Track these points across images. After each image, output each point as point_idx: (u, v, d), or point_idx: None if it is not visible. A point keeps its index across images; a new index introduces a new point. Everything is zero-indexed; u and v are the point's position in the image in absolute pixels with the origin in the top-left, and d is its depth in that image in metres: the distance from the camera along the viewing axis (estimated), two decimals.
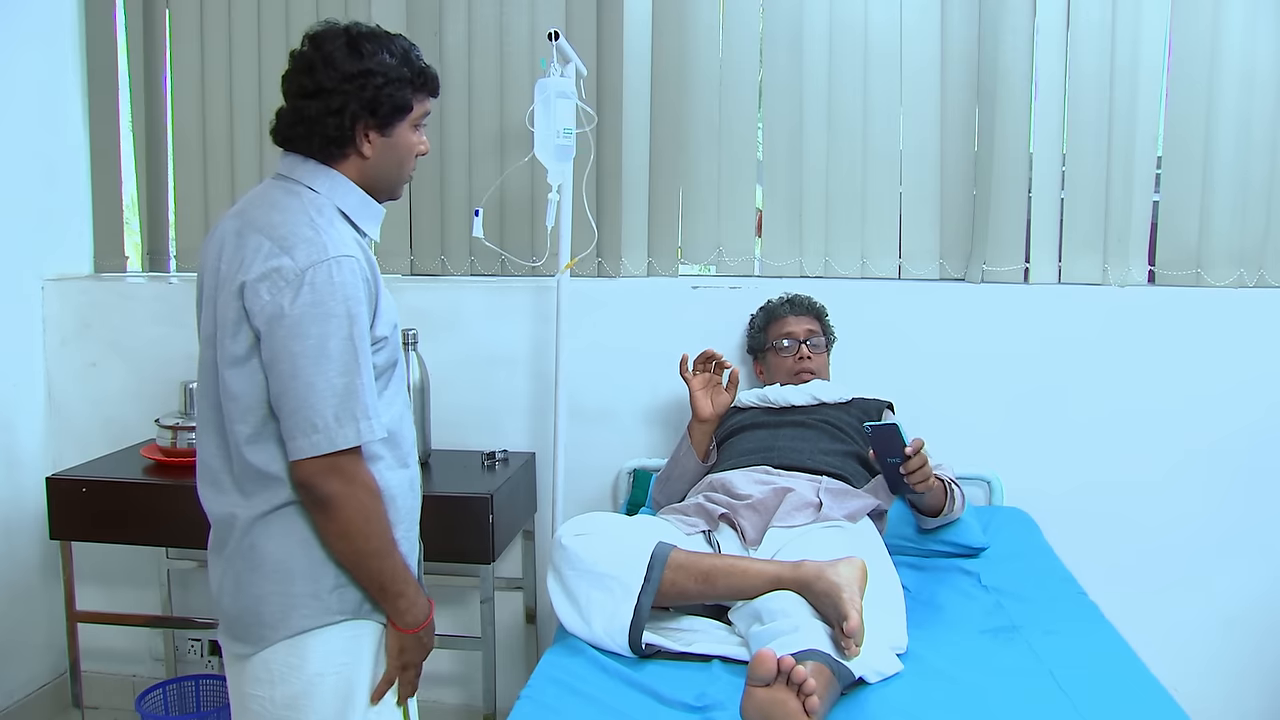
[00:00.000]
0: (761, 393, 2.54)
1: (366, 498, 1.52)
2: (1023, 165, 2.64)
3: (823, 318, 2.63)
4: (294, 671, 1.56)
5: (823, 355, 2.60)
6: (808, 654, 1.62)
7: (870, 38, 2.68)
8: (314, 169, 1.58)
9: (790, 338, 2.57)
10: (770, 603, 1.79)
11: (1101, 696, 1.67)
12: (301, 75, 1.56)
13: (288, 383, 1.47)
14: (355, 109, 1.55)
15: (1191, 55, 2.58)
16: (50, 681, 3.00)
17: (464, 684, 2.90)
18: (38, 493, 2.64)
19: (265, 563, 1.56)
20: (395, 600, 1.59)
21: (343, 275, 1.49)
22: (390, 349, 1.61)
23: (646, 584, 1.83)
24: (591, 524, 1.97)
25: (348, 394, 1.48)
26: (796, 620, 1.72)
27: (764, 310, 2.65)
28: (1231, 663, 2.67)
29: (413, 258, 2.93)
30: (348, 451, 1.49)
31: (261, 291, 1.47)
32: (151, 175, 3.03)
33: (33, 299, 2.95)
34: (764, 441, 2.38)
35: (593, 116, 2.67)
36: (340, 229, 1.55)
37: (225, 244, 1.55)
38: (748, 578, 1.85)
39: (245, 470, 1.55)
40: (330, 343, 1.47)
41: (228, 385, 1.53)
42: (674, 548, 1.88)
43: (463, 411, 2.80)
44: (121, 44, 3.02)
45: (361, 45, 1.55)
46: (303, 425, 1.47)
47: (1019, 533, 2.47)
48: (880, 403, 2.55)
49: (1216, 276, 2.62)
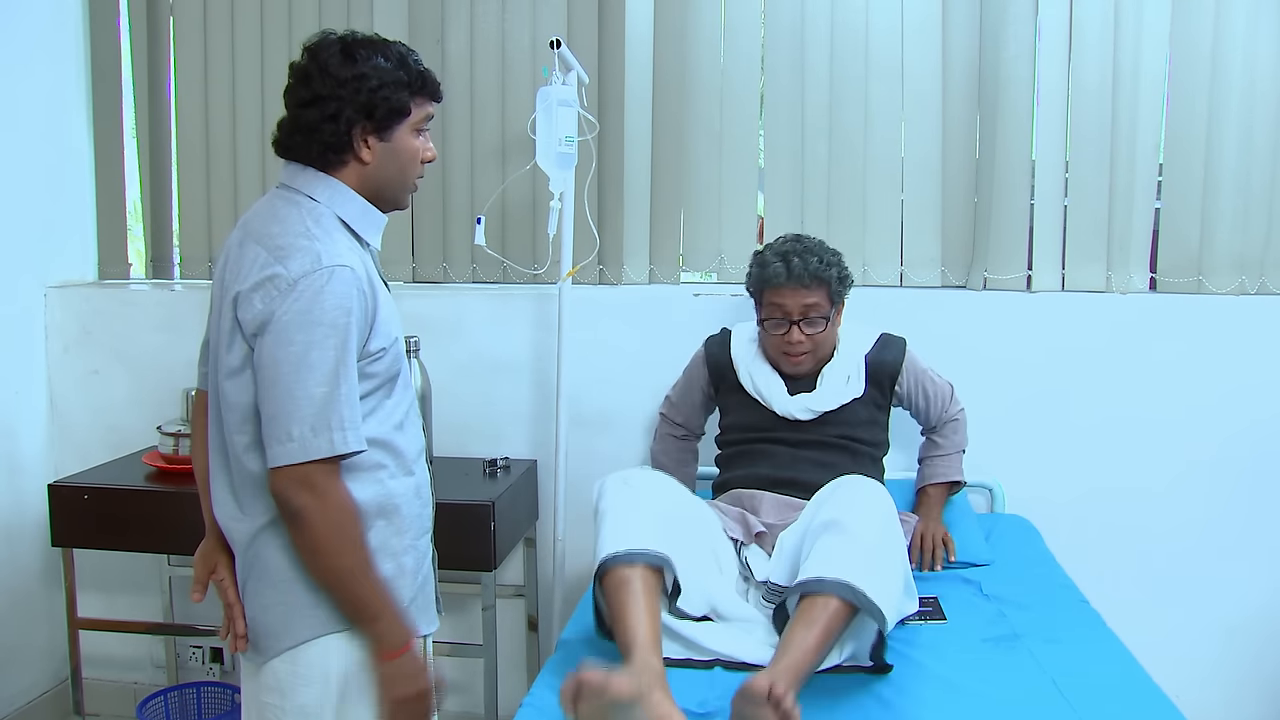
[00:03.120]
0: (757, 388, 2.34)
1: (338, 514, 1.48)
2: (1024, 173, 2.64)
3: (829, 282, 2.26)
4: (301, 681, 1.55)
5: (823, 331, 2.28)
6: (815, 584, 1.70)
7: (871, 45, 2.69)
8: (313, 177, 1.57)
9: (781, 315, 2.28)
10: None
11: (1104, 704, 1.67)
12: (298, 85, 1.56)
13: (269, 389, 1.46)
14: (351, 113, 1.54)
15: (1193, 62, 2.58)
16: (52, 688, 3.00)
17: (465, 692, 2.89)
18: (39, 499, 2.64)
19: (269, 573, 1.55)
20: (371, 624, 1.53)
21: (335, 285, 1.47)
22: (391, 358, 1.59)
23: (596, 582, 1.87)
24: (640, 482, 1.99)
25: (326, 404, 1.46)
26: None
27: (758, 267, 2.33)
28: (1233, 670, 2.67)
29: (415, 265, 2.94)
30: (322, 463, 1.46)
31: (255, 300, 1.47)
32: (155, 182, 3.04)
33: (35, 306, 2.95)
34: (787, 466, 2.27)
35: (594, 124, 2.68)
36: (338, 238, 1.53)
37: (229, 256, 1.55)
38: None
39: (245, 480, 1.55)
40: (314, 352, 1.45)
41: (226, 395, 1.53)
42: (625, 564, 1.83)
43: (465, 419, 2.80)
44: (126, 52, 3.03)
45: (356, 51, 1.55)
46: (278, 433, 1.45)
47: (1021, 540, 2.46)
48: (894, 359, 2.36)
49: (1218, 283, 2.61)
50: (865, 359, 2.35)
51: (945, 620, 2.03)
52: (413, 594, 1.64)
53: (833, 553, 1.80)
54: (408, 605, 1.62)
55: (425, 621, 1.67)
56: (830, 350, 2.34)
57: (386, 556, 1.59)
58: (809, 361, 2.31)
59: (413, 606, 1.63)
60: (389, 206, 1.65)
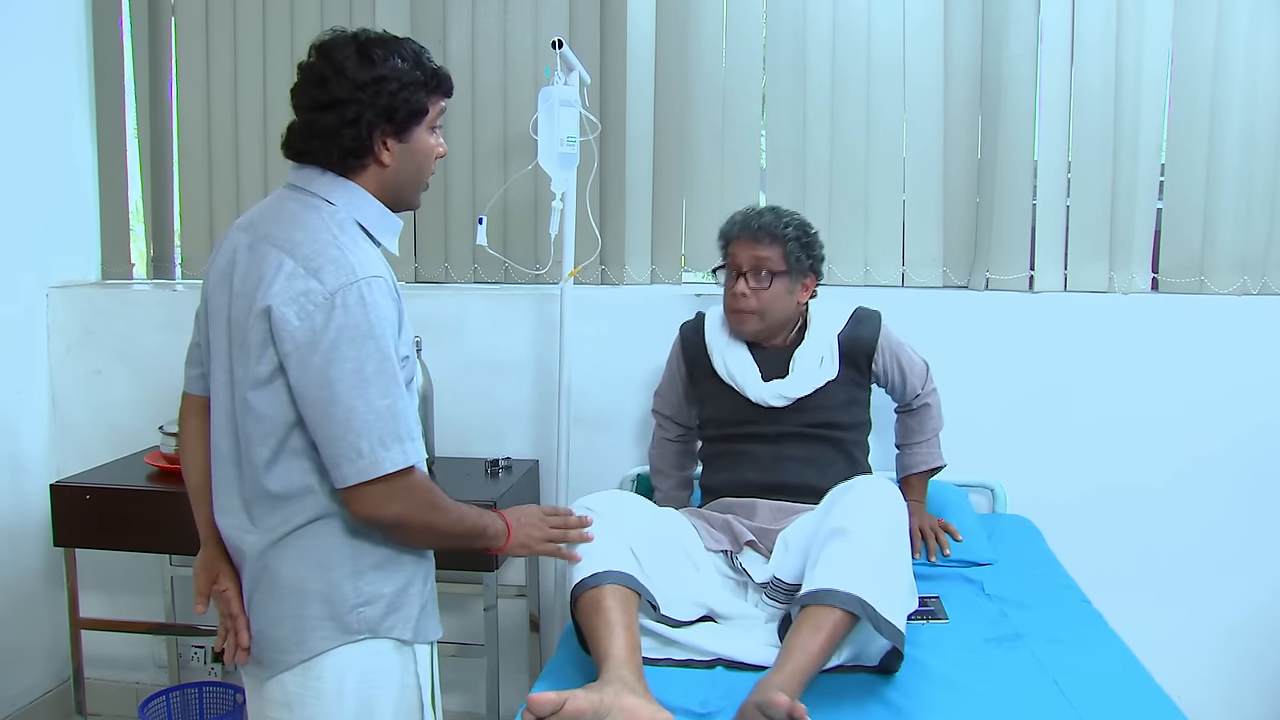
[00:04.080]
0: (731, 373, 2.28)
1: (426, 497, 1.53)
2: (1026, 173, 2.64)
3: (784, 240, 2.21)
4: (312, 694, 1.54)
5: (770, 290, 2.20)
6: (825, 595, 1.68)
7: (873, 45, 2.69)
8: (332, 181, 1.54)
9: (732, 267, 2.25)
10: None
11: (1105, 704, 1.67)
12: (312, 87, 1.52)
13: (327, 409, 1.44)
14: (371, 117, 1.51)
15: (1195, 62, 2.58)
16: (54, 688, 3.00)
17: (467, 691, 2.89)
18: (41, 499, 2.64)
19: (279, 586, 1.53)
20: (483, 539, 1.66)
21: (374, 297, 1.45)
22: (410, 366, 1.58)
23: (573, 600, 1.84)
24: (603, 507, 1.96)
25: (390, 416, 1.45)
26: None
27: (725, 224, 2.34)
28: (1235, 670, 2.67)
29: (416, 265, 2.94)
30: (397, 471, 1.47)
31: (290, 316, 1.44)
32: (157, 182, 3.04)
33: (37, 306, 2.96)
34: (770, 468, 2.23)
35: (596, 124, 2.68)
36: (365, 247, 1.51)
37: (237, 257, 1.51)
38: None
39: (259, 494, 1.52)
40: (368, 366, 1.44)
41: (252, 406, 1.49)
42: (592, 587, 1.81)
43: (466, 419, 2.80)
44: (127, 52, 3.03)
45: (372, 52, 1.52)
46: (347, 452, 1.44)
47: (1023, 540, 2.46)
48: (869, 335, 2.30)
49: (1220, 284, 2.61)
50: (838, 339, 2.28)
51: (947, 620, 2.03)
52: (423, 601, 1.63)
53: (842, 562, 1.76)
54: (419, 614, 1.61)
55: (435, 628, 1.67)
56: (782, 320, 2.27)
57: (397, 567, 1.58)
58: (755, 323, 2.23)
59: (424, 614, 1.63)
60: (404, 207, 1.63)
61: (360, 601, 1.54)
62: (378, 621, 1.55)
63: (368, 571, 1.55)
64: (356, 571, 1.54)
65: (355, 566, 1.54)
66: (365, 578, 1.54)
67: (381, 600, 1.56)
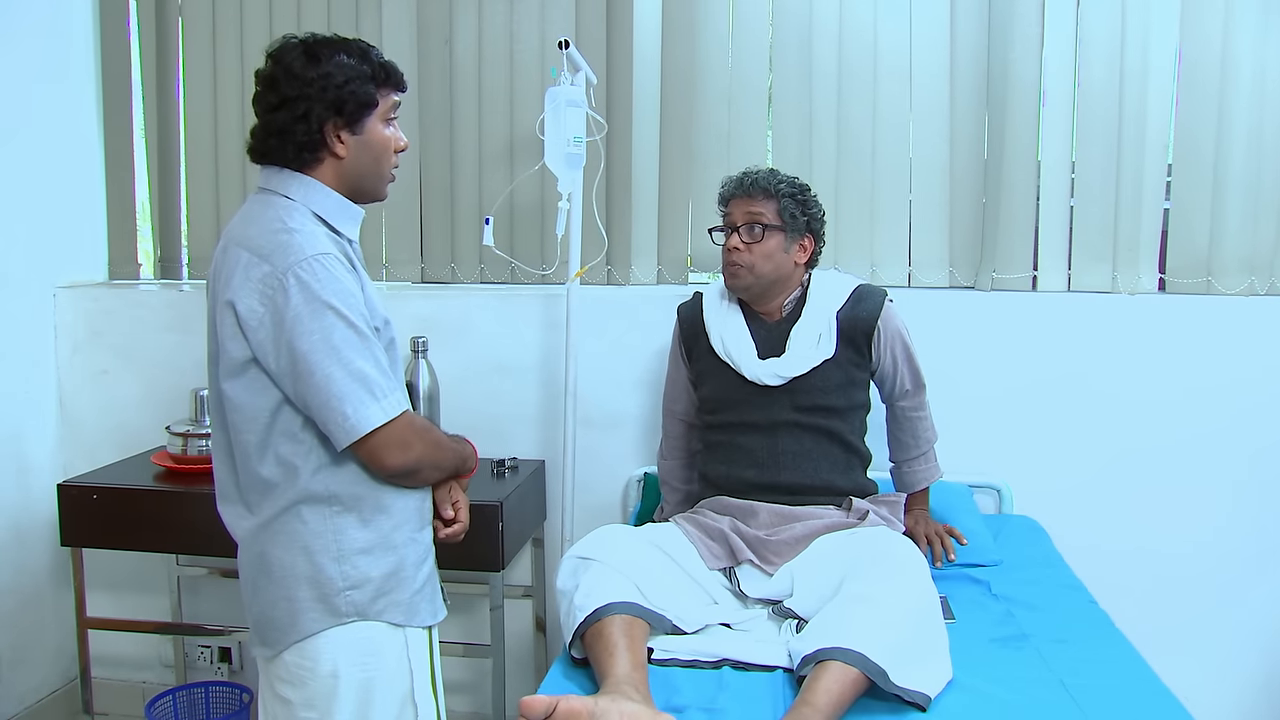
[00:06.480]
0: (727, 350, 2.25)
1: (425, 435, 1.63)
2: (1032, 173, 2.63)
3: (777, 196, 2.21)
4: (309, 674, 1.61)
5: (762, 243, 2.19)
6: (836, 652, 1.64)
7: (880, 46, 2.69)
8: (289, 177, 1.62)
9: (727, 225, 2.26)
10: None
11: (1112, 705, 1.67)
12: (266, 90, 1.62)
13: (305, 381, 1.51)
14: (320, 111, 1.59)
15: (1201, 62, 2.57)
16: (61, 688, 3.01)
17: (473, 691, 2.90)
18: (49, 499, 2.65)
19: (272, 569, 1.61)
20: (465, 466, 1.77)
21: (324, 270, 1.52)
22: (386, 332, 1.65)
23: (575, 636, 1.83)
24: (600, 549, 1.93)
25: (364, 377, 1.52)
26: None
27: (722, 185, 2.33)
28: (1242, 670, 2.66)
29: (423, 265, 2.94)
30: (388, 422, 1.54)
31: (255, 304, 1.52)
32: (164, 183, 3.05)
33: (44, 306, 2.96)
34: (768, 465, 2.21)
35: (603, 125, 2.68)
36: (313, 229, 1.58)
37: (216, 264, 1.61)
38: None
39: (251, 480, 1.60)
40: (334, 334, 1.51)
41: (229, 397, 1.58)
42: (596, 620, 1.79)
43: (472, 419, 2.80)
44: (135, 52, 3.04)
45: (318, 51, 1.60)
46: (334, 417, 1.52)
47: (1029, 541, 2.46)
48: (869, 313, 2.24)
49: (1227, 284, 2.61)
50: (837, 316, 2.23)
51: (953, 619, 2.02)
52: (419, 586, 1.67)
53: (865, 626, 1.70)
54: (412, 597, 1.66)
55: (432, 612, 1.71)
56: (775, 279, 2.23)
57: (387, 551, 1.63)
58: (746, 276, 2.21)
59: (419, 598, 1.67)
60: (367, 199, 1.69)
61: (348, 585, 1.60)
62: (367, 605, 1.61)
63: (354, 555, 1.60)
64: (341, 555, 1.60)
65: (339, 550, 1.60)
66: (351, 561, 1.60)
67: (370, 584, 1.61)
